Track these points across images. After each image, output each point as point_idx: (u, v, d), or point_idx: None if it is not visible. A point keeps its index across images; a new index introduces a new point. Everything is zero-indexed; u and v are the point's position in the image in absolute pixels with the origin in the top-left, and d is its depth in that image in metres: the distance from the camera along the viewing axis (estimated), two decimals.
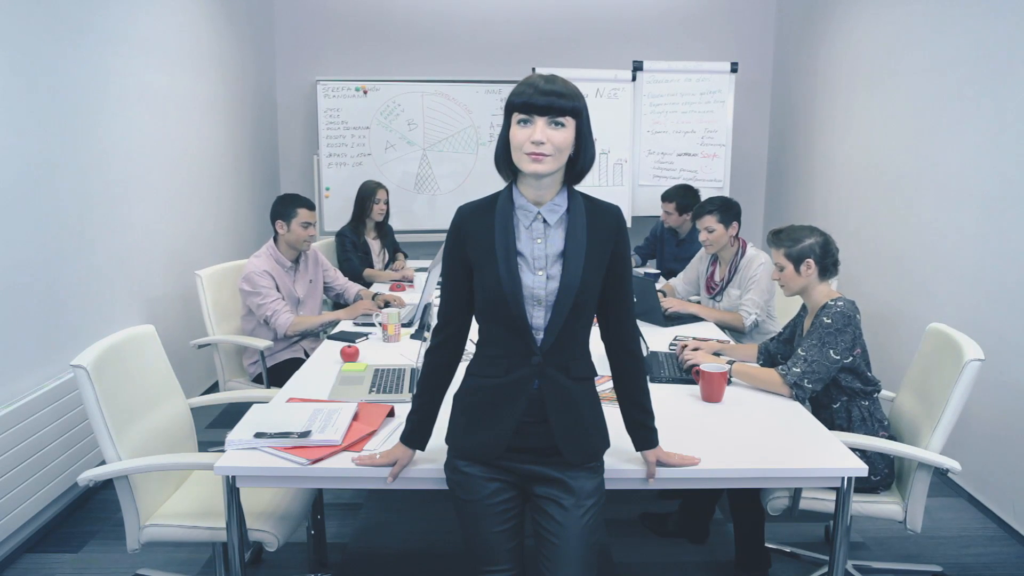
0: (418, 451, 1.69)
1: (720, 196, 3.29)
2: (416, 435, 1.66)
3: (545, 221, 1.53)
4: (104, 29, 3.17)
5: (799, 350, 2.24)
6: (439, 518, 2.93)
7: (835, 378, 2.24)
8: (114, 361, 2.01)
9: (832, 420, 2.28)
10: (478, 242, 1.52)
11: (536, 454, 1.57)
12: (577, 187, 1.60)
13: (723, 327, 3.12)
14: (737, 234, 3.22)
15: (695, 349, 2.51)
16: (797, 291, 2.38)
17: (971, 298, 3.18)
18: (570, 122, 1.46)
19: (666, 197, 4.18)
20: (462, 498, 1.60)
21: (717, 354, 2.59)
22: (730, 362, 2.36)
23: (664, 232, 4.41)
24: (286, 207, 3.15)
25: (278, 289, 3.13)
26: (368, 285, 4.08)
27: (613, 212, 1.60)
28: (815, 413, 2.36)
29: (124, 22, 3.34)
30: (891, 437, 2.26)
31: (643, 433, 1.68)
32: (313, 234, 3.21)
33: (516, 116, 1.45)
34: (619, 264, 1.57)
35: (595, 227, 1.55)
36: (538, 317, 1.52)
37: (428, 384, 1.65)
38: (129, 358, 2.09)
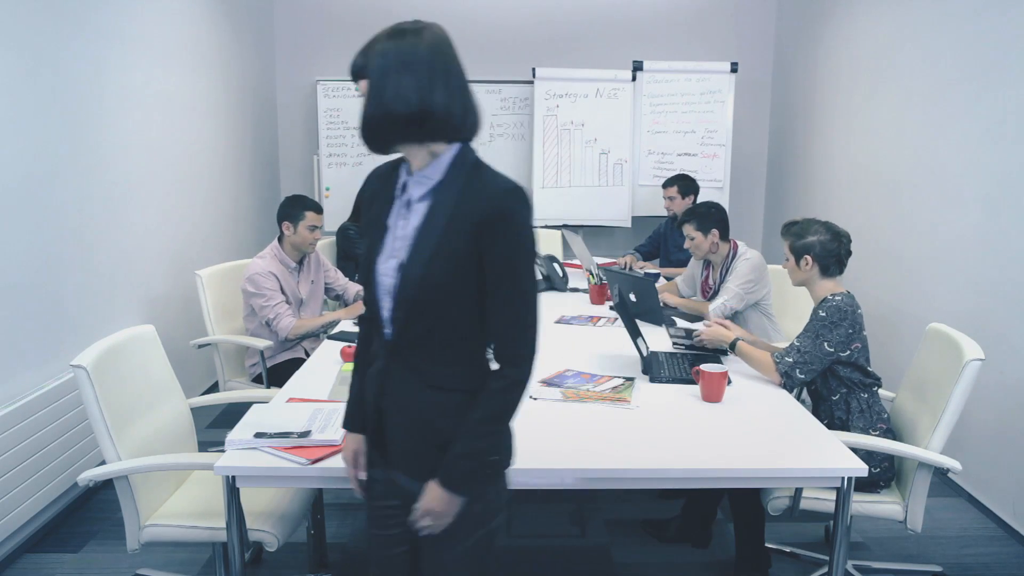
0: None
1: (704, 203, 3.33)
2: (348, 417, 1.49)
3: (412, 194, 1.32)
4: (104, 29, 3.17)
5: (794, 340, 2.29)
6: None
7: (834, 370, 2.27)
8: (114, 361, 2.00)
9: (832, 412, 2.30)
10: (367, 210, 1.38)
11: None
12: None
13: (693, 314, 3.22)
14: (723, 239, 3.23)
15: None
16: (799, 283, 2.43)
17: (971, 298, 3.18)
18: (364, 85, 1.27)
19: (667, 184, 4.29)
20: (364, 500, 1.50)
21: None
22: (735, 340, 2.42)
23: (666, 227, 4.42)
24: (294, 209, 3.15)
25: (283, 291, 3.13)
26: None
27: (492, 195, 1.26)
28: (815, 405, 2.38)
29: (124, 22, 3.34)
30: (889, 430, 2.28)
31: (442, 457, 1.32)
32: (319, 237, 3.22)
33: None
34: (493, 261, 1.27)
35: (466, 209, 1.26)
36: (386, 309, 1.32)
37: (358, 359, 1.49)
38: (129, 358, 2.09)
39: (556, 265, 3.78)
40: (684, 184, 4.22)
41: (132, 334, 2.15)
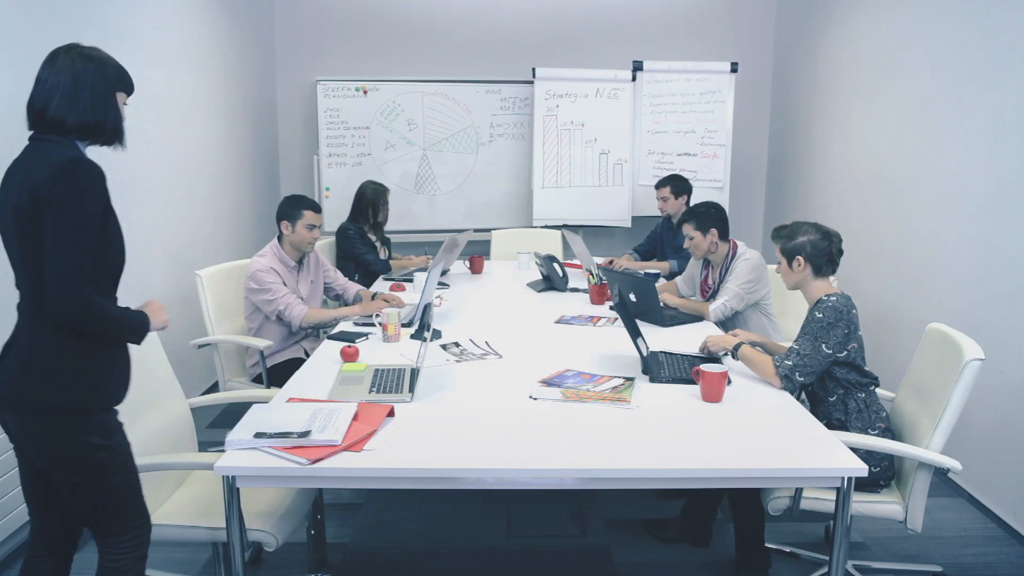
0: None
1: (703, 203, 3.32)
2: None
3: None
4: (104, 28, 3.17)
5: (793, 343, 2.29)
6: (439, 518, 2.93)
7: (831, 371, 2.27)
8: None
9: (830, 413, 2.30)
10: None
11: None
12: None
13: (694, 314, 3.19)
14: (723, 239, 3.22)
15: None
16: (793, 286, 2.43)
17: (971, 298, 3.18)
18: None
19: (660, 184, 4.28)
20: (130, 452, 1.73)
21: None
22: (739, 344, 2.41)
23: (662, 228, 4.42)
24: (292, 208, 3.15)
25: (285, 284, 3.13)
26: (372, 282, 4.07)
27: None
28: (813, 406, 2.38)
29: (124, 22, 3.34)
30: (888, 429, 2.28)
31: None
32: (317, 236, 3.22)
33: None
34: None
35: None
36: None
37: None
38: None
39: (556, 265, 3.78)
40: (676, 184, 4.21)
41: None
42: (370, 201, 4.22)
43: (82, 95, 1.67)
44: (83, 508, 1.74)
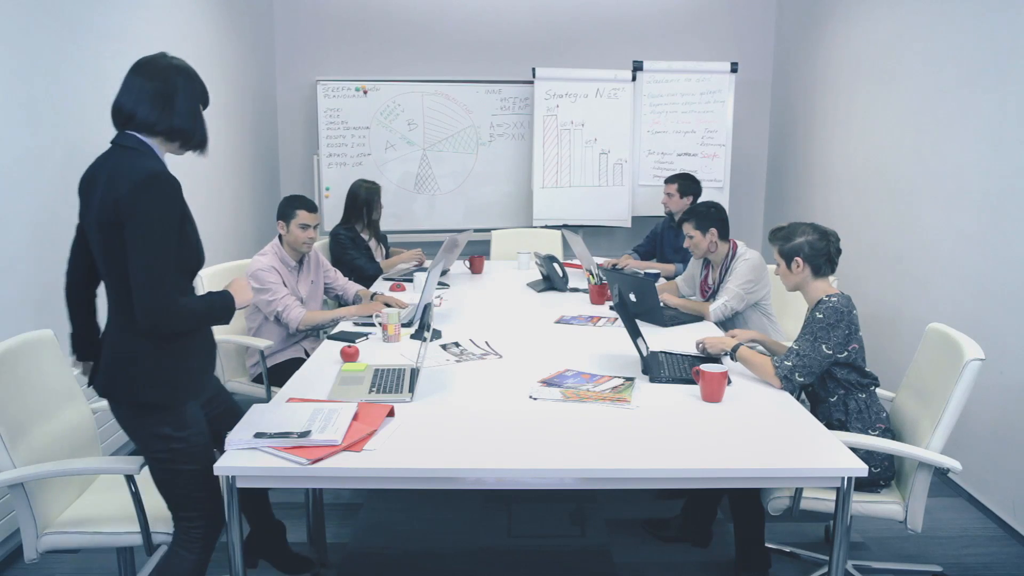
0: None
1: (704, 202, 3.32)
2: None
3: None
4: (104, 28, 3.17)
5: (793, 343, 2.29)
6: (439, 518, 2.93)
7: (832, 372, 2.27)
8: (4, 367, 1.90)
9: (830, 413, 2.30)
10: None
11: None
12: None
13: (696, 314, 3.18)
14: (723, 239, 3.22)
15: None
16: (793, 287, 2.43)
17: (971, 298, 3.18)
18: None
19: (669, 180, 4.27)
20: (204, 446, 1.84)
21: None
22: (737, 345, 2.40)
23: (663, 227, 4.42)
24: (287, 208, 3.16)
25: (285, 285, 3.13)
26: (371, 282, 4.07)
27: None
28: (813, 407, 2.38)
29: (124, 22, 3.34)
30: (888, 430, 2.28)
31: None
32: (312, 236, 3.21)
33: None
34: None
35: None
36: None
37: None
38: (22, 364, 1.96)
39: (556, 265, 3.78)
40: (684, 184, 4.20)
41: (26, 339, 2.01)
42: (365, 201, 4.20)
43: (174, 103, 1.76)
44: (161, 490, 1.85)
